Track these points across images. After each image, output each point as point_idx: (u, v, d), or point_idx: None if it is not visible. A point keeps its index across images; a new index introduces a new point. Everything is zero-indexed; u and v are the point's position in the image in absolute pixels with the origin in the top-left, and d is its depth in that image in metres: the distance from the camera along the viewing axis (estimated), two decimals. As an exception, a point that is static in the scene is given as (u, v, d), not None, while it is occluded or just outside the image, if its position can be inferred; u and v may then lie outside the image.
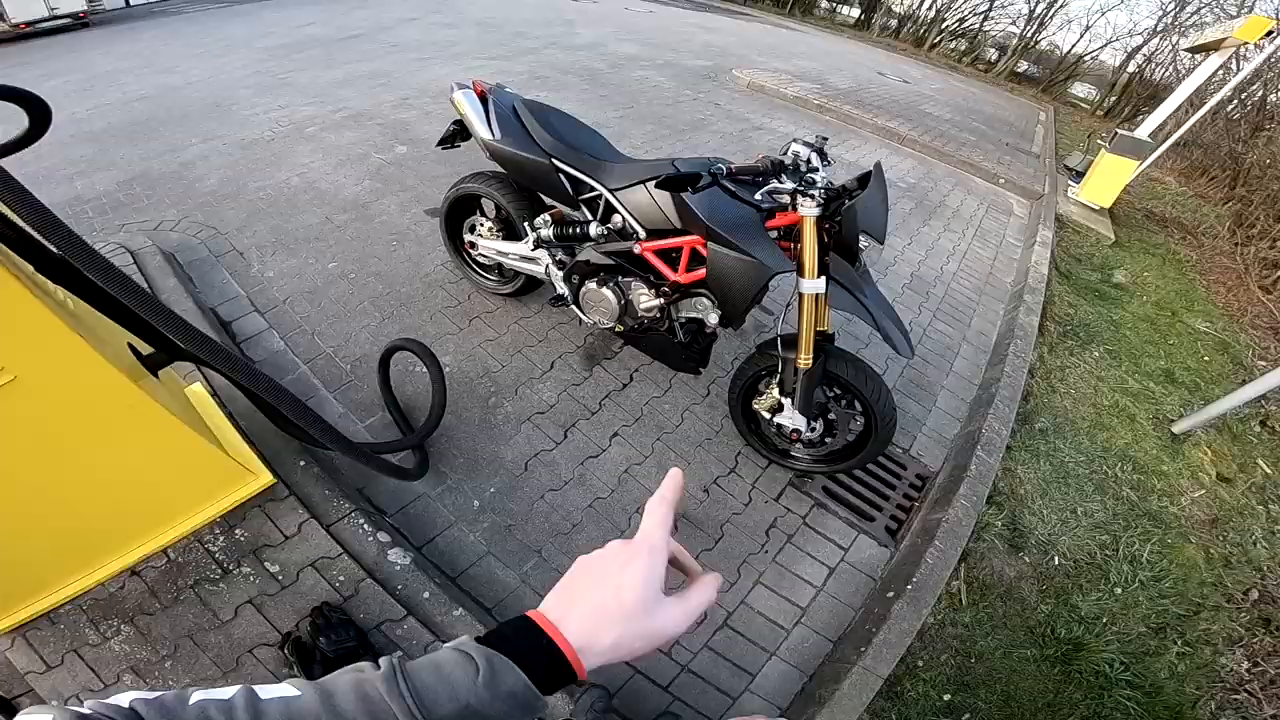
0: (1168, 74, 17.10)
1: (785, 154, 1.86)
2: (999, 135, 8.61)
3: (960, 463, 2.55)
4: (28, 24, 14.27)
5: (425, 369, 2.21)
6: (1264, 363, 4.32)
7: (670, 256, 2.09)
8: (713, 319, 2.14)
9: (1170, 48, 17.41)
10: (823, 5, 28.49)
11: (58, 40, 12.36)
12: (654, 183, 1.97)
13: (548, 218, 2.40)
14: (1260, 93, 10.25)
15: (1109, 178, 6.27)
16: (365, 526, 1.82)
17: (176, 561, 1.68)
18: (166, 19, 14.63)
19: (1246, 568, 2.57)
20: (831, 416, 2.16)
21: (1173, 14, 19.00)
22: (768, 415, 2.17)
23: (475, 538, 1.98)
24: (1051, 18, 22.90)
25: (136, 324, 1.33)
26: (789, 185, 1.78)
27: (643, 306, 2.23)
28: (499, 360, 2.59)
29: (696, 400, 2.63)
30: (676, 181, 1.80)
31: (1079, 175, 7.01)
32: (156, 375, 1.47)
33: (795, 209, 1.81)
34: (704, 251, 1.96)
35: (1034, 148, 8.57)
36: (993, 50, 24.55)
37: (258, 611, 1.63)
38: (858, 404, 2.09)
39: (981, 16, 24.47)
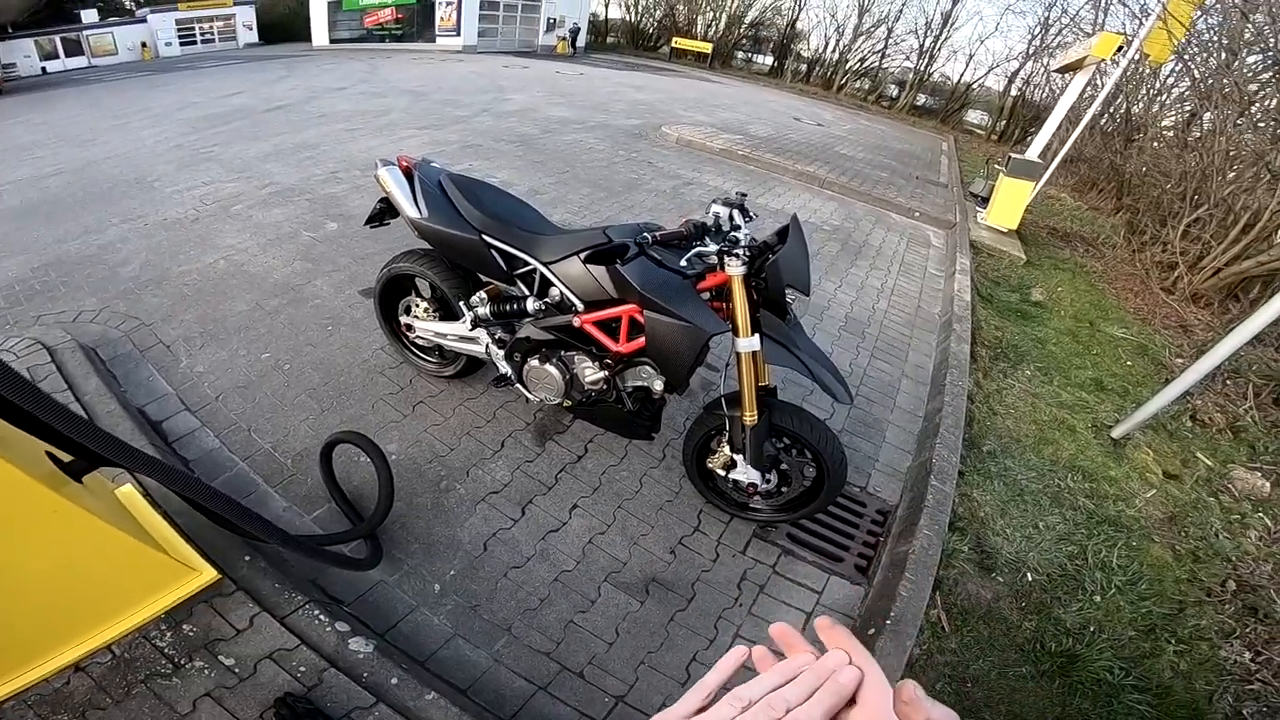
0: (1045, 95, 18.25)
1: (708, 215, 1.87)
2: (909, 169, 9.00)
3: (917, 493, 2.53)
4: None
5: (367, 459, 2.13)
6: (1180, 360, 4.45)
7: (610, 327, 2.03)
8: (658, 386, 2.09)
9: (1043, 70, 18.74)
10: (739, 56, 29.80)
11: None
12: (584, 255, 1.96)
13: (483, 295, 2.32)
14: (1125, 105, 11.03)
15: (1010, 200, 6.54)
16: (321, 617, 1.72)
17: (123, 658, 1.59)
18: (86, 87, 14.17)
19: (1216, 560, 2.57)
20: (784, 467, 2.12)
21: (1039, 37, 20.63)
22: (722, 472, 2.14)
23: (440, 620, 1.88)
24: (939, 50, 24.54)
25: (48, 432, 1.28)
26: (713, 247, 1.79)
27: (588, 380, 2.16)
28: (447, 444, 2.49)
29: (653, 464, 2.56)
30: (605, 254, 1.80)
31: (984, 201, 7.32)
32: (80, 481, 1.43)
33: (723, 269, 1.81)
34: (641, 320, 1.91)
35: (941, 178, 8.98)
36: (893, 86, 26.05)
37: (217, 704, 1.52)
38: (807, 452, 2.06)
39: (879, 55, 26.03)
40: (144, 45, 25.84)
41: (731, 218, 1.84)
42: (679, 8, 29.83)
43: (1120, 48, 6.41)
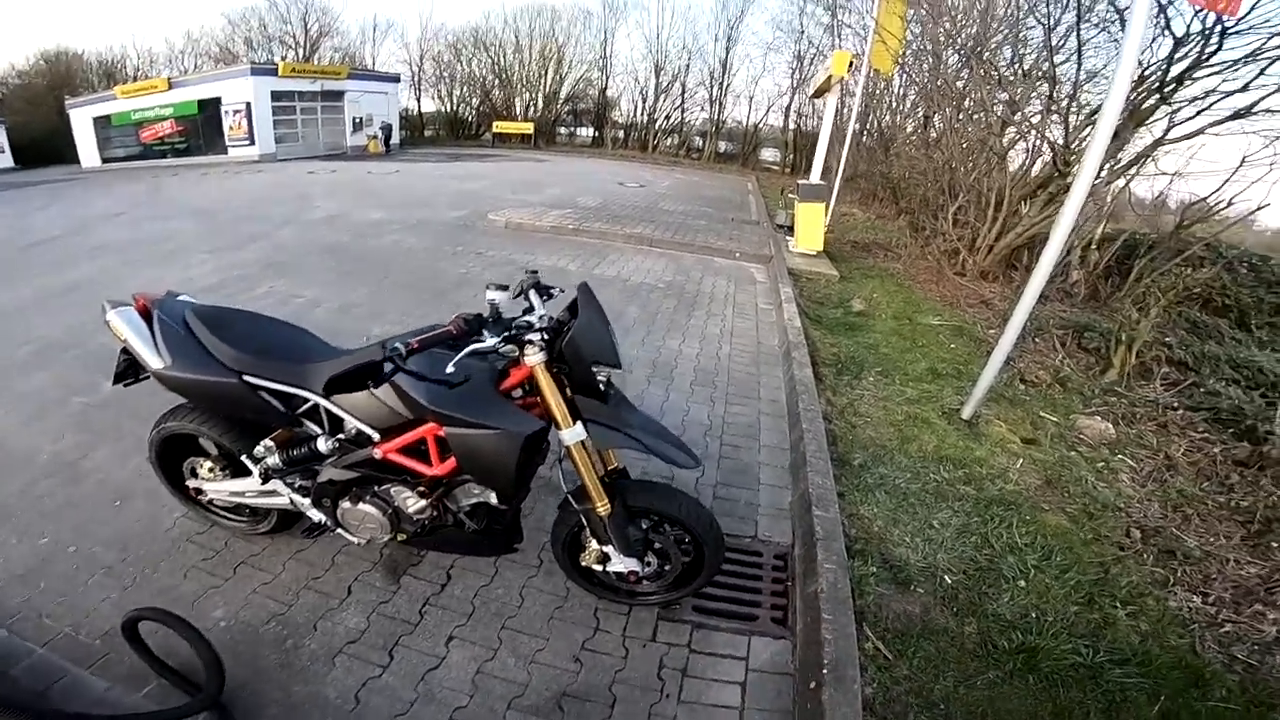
0: (816, 123, 20.83)
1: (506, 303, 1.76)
2: (724, 214, 9.66)
3: (806, 527, 2.46)
4: None
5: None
6: (993, 331, 4.93)
7: (420, 451, 1.83)
8: (494, 499, 1.90)
9: (808, 100, 21.56)
10: (561, 132, 31.16)
11: None
12: (329, 382, 1.80)
13: (269, 444, 2.02)
14: (875, 120, 12.83)
15: (810, 224, 7.15)
16: None
17: None
18: None
19: (1107, 513, 2.66)
20: (658, 545, 1.99)
21: (797, 70, 23.81)
22: (599, 567, 2.00)
23: None
24: (725, 97, 27.37)
25: None
26: (490, 340, 1.62)
27: (412, 510, 1.92)
28: (283, 600, 2.21)
29: (531, 574, 2.31)
30: (347, 380, 1.62)
31: (790, 230, 7.98)
32: None
33: (522, 360, 1.67)
34: (444, 437, 1.74)
35: (752, 216, 9.75)
36: (698, 138, 28.58)
37: None
38: (675, 525, 1.96)
39: (680, 109, 28.48)
40: None
41: (528, 297, 1.77)
42: (494, 93, 30.75)
43: (851, 63, 7.39)
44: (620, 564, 1.94)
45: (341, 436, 1.94)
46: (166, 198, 11.37)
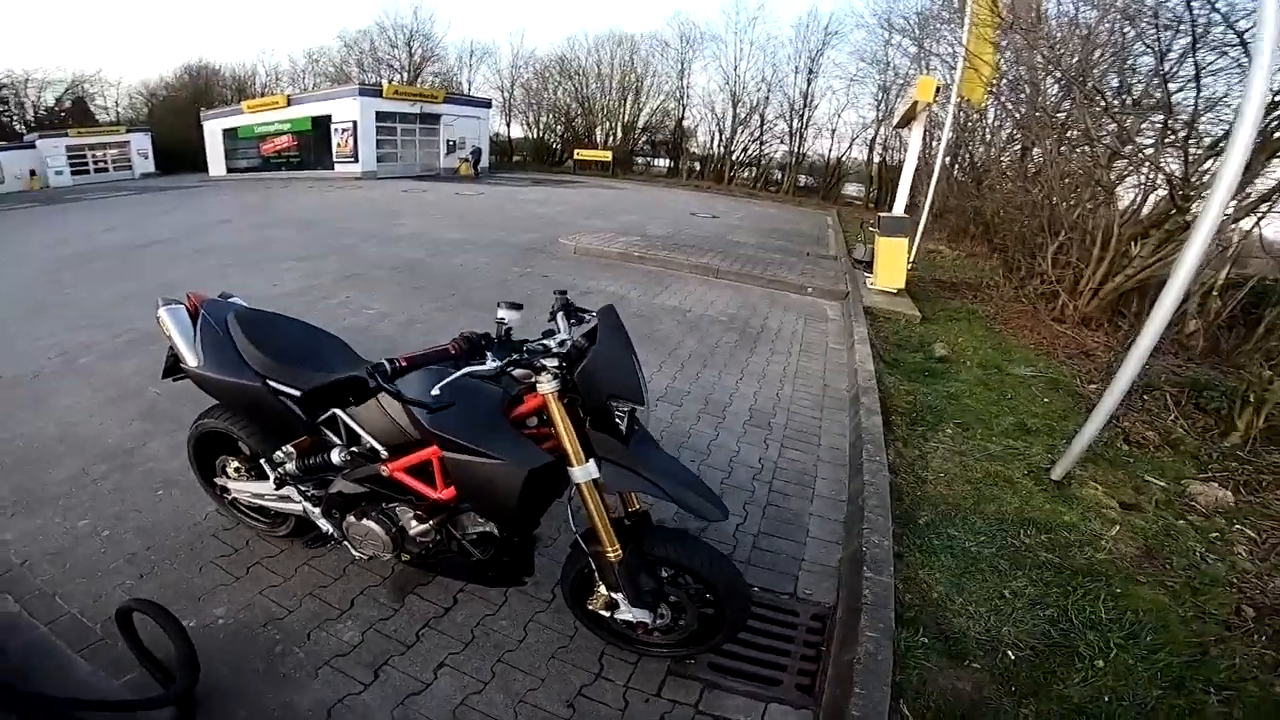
0: (901, 156, 20.14)
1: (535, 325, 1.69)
2: (799, 247, 9.31)
3: (853, 588, 2.20)
4: None
5: (192, 621, 2.02)
6: (1093, 385, 4.42)
7: (426, 472, 1.74)
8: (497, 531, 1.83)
9: (894, 133, 20.76)
10: (639, 161, 31.75)
11: None
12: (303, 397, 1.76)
13: (290, 450, 2.01)
14: (968, 152, 12.04)
15: (891, 259, 6.68)
16: None
17: None
18: None
19: (1216, 588, 2.33)
20: (674, 598, 1.82)
21: (883, 102, 22.98)
22: (607, 613, 1.82)
23: None
24: (806, 130, 26.83)
25: None
26: (489, 364, 1.52)
27: (414, 532, 1.86)
28: (285, 605, 2.20)
29: (540, 609, 2.19)
30: (327, 396, 1.51)
31: (868, 266, 7.52)
32: None
33: (535, 387, 1.55)
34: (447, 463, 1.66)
35: (830, 251, 9.33)
36: (777, 171, 28.20)
37: None
38: (693, 579, 1.79)
39: (758, 142, 28.17)
40: (33, 173, 24.87)
41: (555, 319, 1.67)
42: (577, 121, 31.82)
43: (939, 89, 6.90)
44: (629, 613, 1.77)
45: (355, 450, 1.88)
46: (273, 207, 12.51)
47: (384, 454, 1.81)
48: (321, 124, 22.84)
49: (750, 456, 3.23)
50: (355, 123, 21.92)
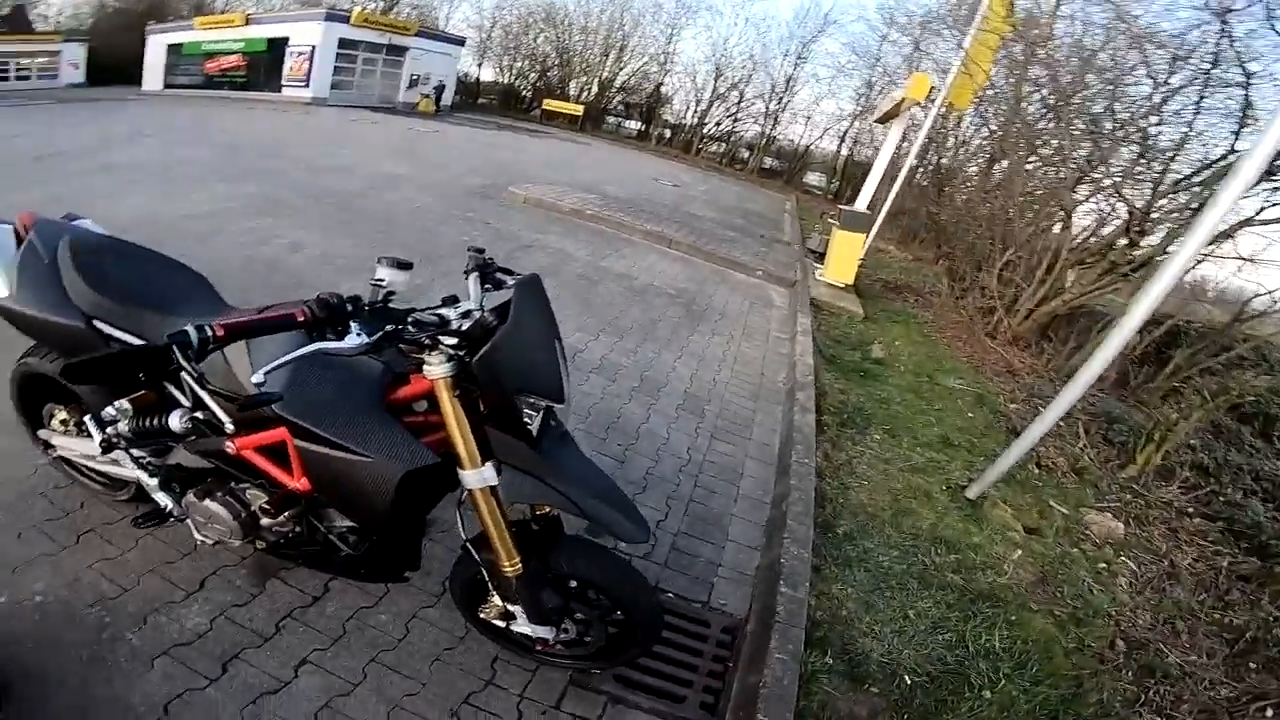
0: (871, 153, 20.18)
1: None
2: (755, 228, 9.13)
3: (767, 604, 2.08)
4: None
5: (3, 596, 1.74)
6: (1014, 405, 4.47)
7: (281, 452, 1.41)
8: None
9: (869, 129, 20.82)
10: (609, 120, 30.67)
11: None
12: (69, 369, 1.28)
13: (125, 406, 1.59)
14: (936, 157, 12.17)
15: (845, 254, 6.59)
16: None
17: None
18: None
19: (1097, 620, 2.40)
20: (580, 615, 1.60)
21: (865, 96, 23.05)
22: (502, 624, 1.58)
23: None
24: (783, 113, 26.56)
25: None
26: (351, 340, 1.11)
27: (266, 522, 1.55)
28: (120, 583, 1.89)
29: (427, 603, 1.95)
30: (95, 371, 1.06)
31: (820, 256, 7.44)
32: None
33: (422, 368, 1.25)
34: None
35: (784, 236, 9.21)
36: (745, 150, 27.89)
37: None
38: (602, 596, 1.57)
39: (732, 118, 27.72)
40: None
41: (471, 288, 1.37)
42: (552, 71, 30.37)
43: (933, 89, 6.79)
44: (527, 628, 1.54)
45: (198, 416, 1.51)
46: (202, 127, 11.28)
47: (229, 427, 1.47)
48: (277, 46, 21.04)
49: (679, 445, 3.05)
50: (314, 47, 20.28)
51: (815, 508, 2.63)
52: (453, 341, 1.22)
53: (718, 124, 28.19)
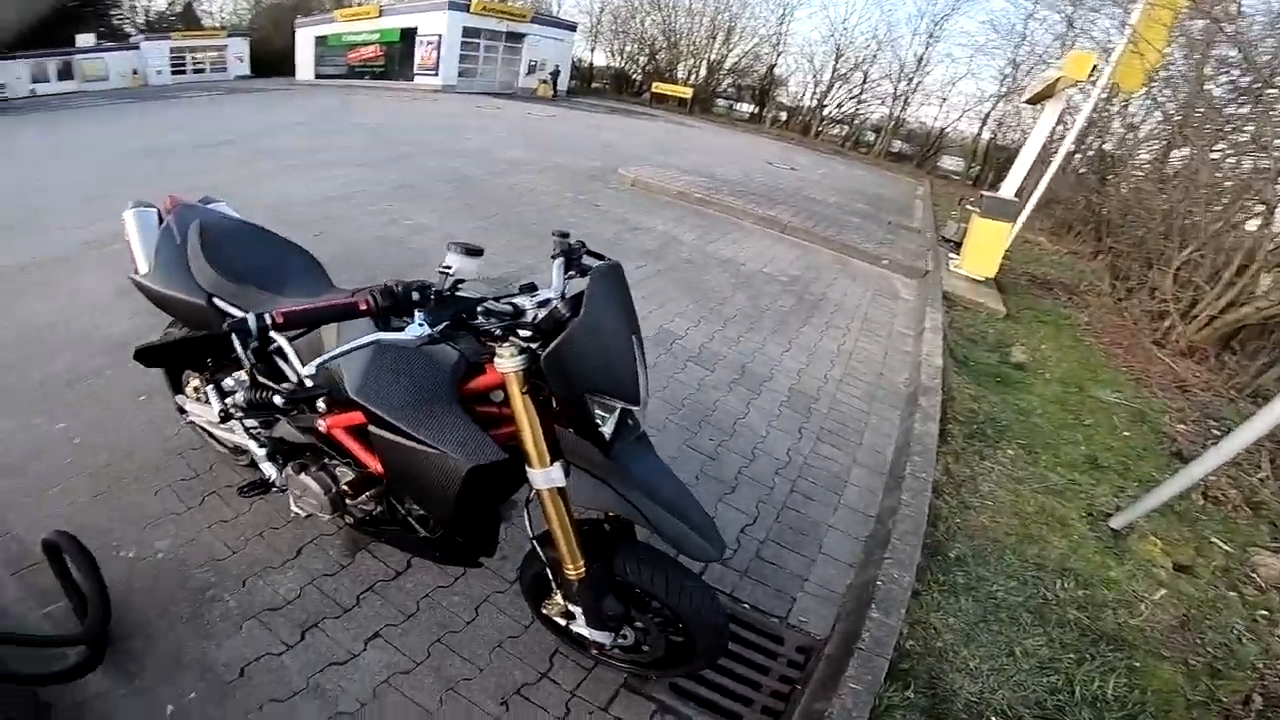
0: (1018, 137, 18.17)
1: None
2: (881, 214, 8.50)
3: (852, 627, 1.94)
4: None
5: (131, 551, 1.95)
6: (1184, 426, 3.83)
7: (366, 436, 1.46)
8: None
9: (1015, 111, 18.78)
10: (720, 103, 30.13)
11: None
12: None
13: (243, 377, 1.74)
14: (1098, 143, 10.69)
15: (986, 244, 5.98)
16: None
17: None
18: (66, 112, 15.03)
19: (1238, 672, 2.07)
20: (639, 624, 1.55)
21: (1011, 77, 20.81)
22: (562, 621, 1.54)
23: None
24: (913, 94, 24.64)
25: None
26: (413, 330, 1.11)
27: (351, 501, 1.60)
28: (231, 545, 2.04)
29: (500, 589, 1.98)
30: (163, 355, 1.39)
31: (957, 246, 6.80)
32: None
33: (494, 360, 1.20)
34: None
35: (915, 223, 8.49)
36: (870, 133, 26.24)
37: None
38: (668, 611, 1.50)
39: (855, 100, 26.16)
40: (134, 72, 26.31)
41: (561, 263, 1.31)
42: (661, 54, 30.35)
43: (1095, 68, 5.97)
44: (585, 630, 1.50)
45: (299, 394, 1.60)
46: (346, 114, 12.53)
47: (322, 406, 1.52)
48: (408, 35, 22.71)
49: (778, 446, 2.88)
50: (440, 36, 21.68)
51: (926, 527, 2.41)
52: (528, 334, 1.17)
53: (839, 106, 26.75)
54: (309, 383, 1.43)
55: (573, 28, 27.85)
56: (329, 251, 4.12)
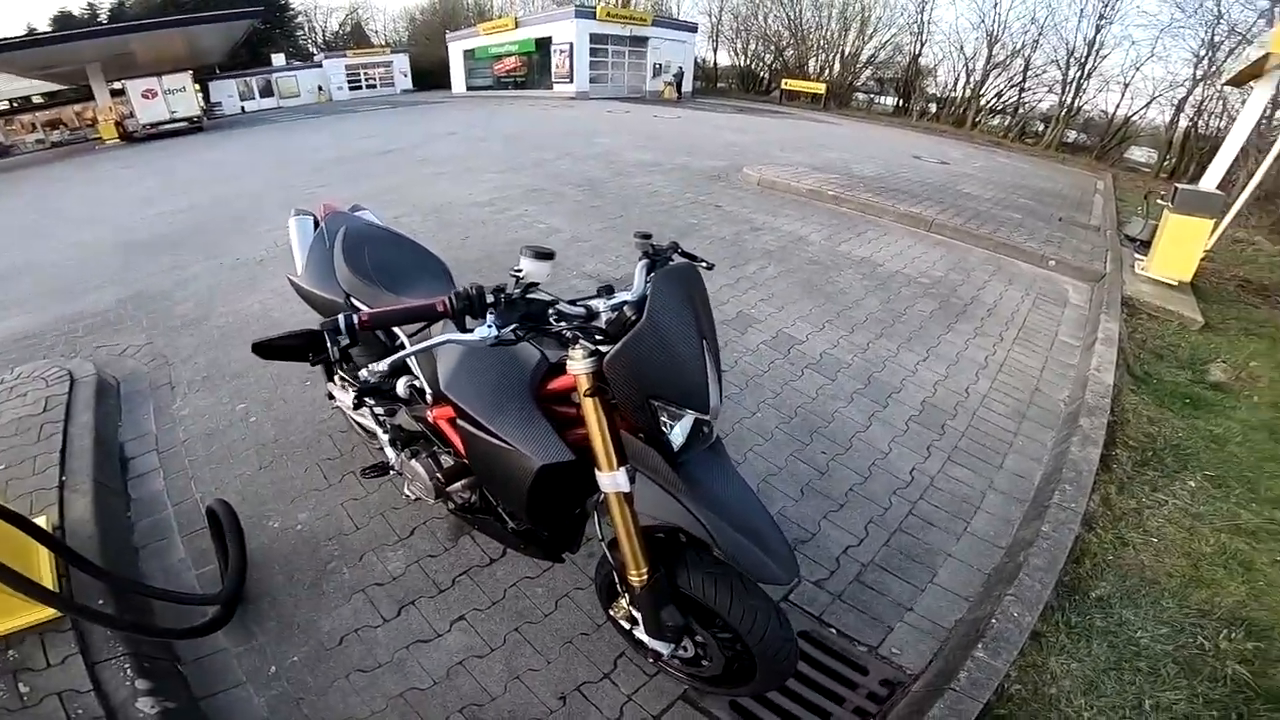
0: (1224, 124, 15.67)
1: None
2: (1049, 210, 7.63)
3: (950, 665, 1.81)
4: (152, 125, 17.93)
5: (277, 522, 2.27)
6: None
7: None
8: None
9: (1217, 94, 16.03)
10: (859, 97, 28.79)
11: (168, 144, 15.96)
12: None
13: (376, 368, 1.94)
14: None
15: (1181, 243, 5.17)
16: (127, 670, 1.70)
17: None
18: (265, 127, 18.37)
19: None
20: (700, 638, 1.54)
21: (1207, 59, 17.75)
22: (626, 625, 1.59)
23: (259, 703, 1.75)
24: (1087, 80, 21.88)
25: None
26: (481, 331, 1.17)
27: (450, 487, 1.78)
28: (357, 521, 2.31)
29: (581, 584, 2.07)
30: (271, 350, 1.61)
31: (1144, 246, 5.94)
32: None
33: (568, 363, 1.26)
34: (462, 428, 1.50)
35: (1092, 220, 7.52)
36: (1039, 123, 23.67)
37: None
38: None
39: (1017, 88, 23.76)
40: (320, 89, 31.30)
41: (644, 266, 1.36)
42: (788, 51, 29.66)
43: None
44: (644, 637, 1.51)
45: (415, 384, 1.80)
46: (492, 123, 13.97)
47: (428, 397, 1.70)
48: (543, 45, 24.45)
49: (901, 463, 2.71)
50: (571, 44, 23.11)
51: (1068, 563, 2.18)
52: (598, 336, 1.22)
53: (999, 95, 24.41)
54: (392, 378, 1.63)
55: (693, 29, 28.44)
56: (470, 256, 4.64)
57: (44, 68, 18.71)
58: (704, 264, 1.45)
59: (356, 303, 1.91)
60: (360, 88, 32.94)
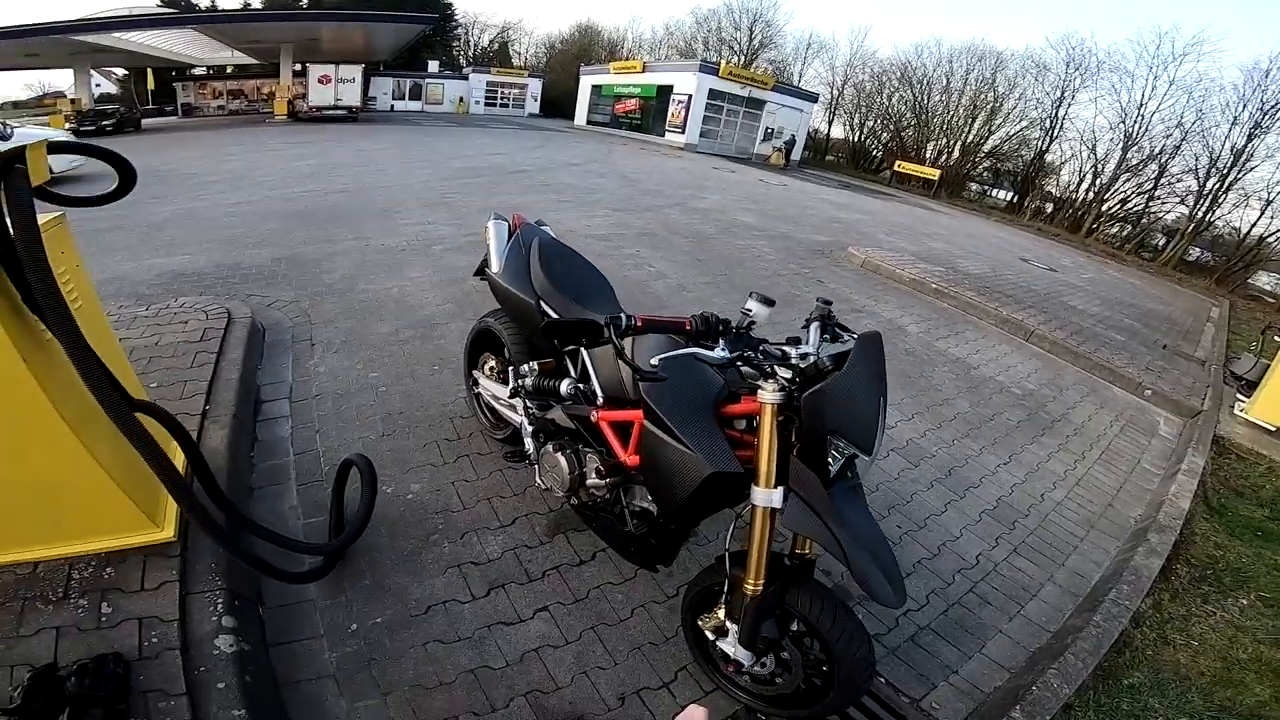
0: None
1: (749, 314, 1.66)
2: (1155, 335, 7.72)
3: None
4: (319, 108, 21.92)
5: (391, 488, 2.44)
6: None
7: (625, 432, 1.88)
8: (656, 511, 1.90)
9: None
10: (972, 188, 28.73)
11: (330, 128, 17.91)
12: (546, 330, 1.99)
13: (534, 366, 2.34)
14: None
15: (1292, 388, 5.18)
16: (219, 605, 1.77)
17: (38, 575, 1.75)
18: (408, 128, 20.44)
19: None
20: (786, 655, 1.75)
21: None
22: (711, 636, 1.79)
23: (329, 658, 1.86)
24: (1226, 193, 21.10)
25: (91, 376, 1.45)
26: (716, 353, 1.52)
27: (590, 483, 2.03)
28: (464, 501, 2.54)
29: (658, 598, 2.29)
30: (561, 331, 1.79)
31: (1250, 386, 5.95)
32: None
33: (757, 392, 1.53)
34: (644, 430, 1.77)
35: (1198, 351, 7.55)
36: (1161, 236, 22.95)
37: (54, 639, 1.61)
38: (820, 647, 1.68)
39: (1146, 196, 23.18)
40: (460, 100, 34.01)
41: (810, 329, 1.61)
42: (907, 131, 30.01)
43: None
44: (731, 648, 1.71)
45: (580, 387, 2.11)
46: (609, 160, 15.11)
47: (599, 400, 1.99)
48: (664, 93, 25.82)
49: (969, 548, 2.99)
50: (690, 96, 24.25)
51: (1110, 651, 2.41)
52: (788, 375, 1.49)
53: (1123, 202, 23.88)
54: (645, 369, 1.77)
55: (814, 99, 29.06)
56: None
57: (250, 41, 21.99)
58: (874, 330, 1.64)
59: (545, 306, 2.23)
60: (495, 105, 35.52)
